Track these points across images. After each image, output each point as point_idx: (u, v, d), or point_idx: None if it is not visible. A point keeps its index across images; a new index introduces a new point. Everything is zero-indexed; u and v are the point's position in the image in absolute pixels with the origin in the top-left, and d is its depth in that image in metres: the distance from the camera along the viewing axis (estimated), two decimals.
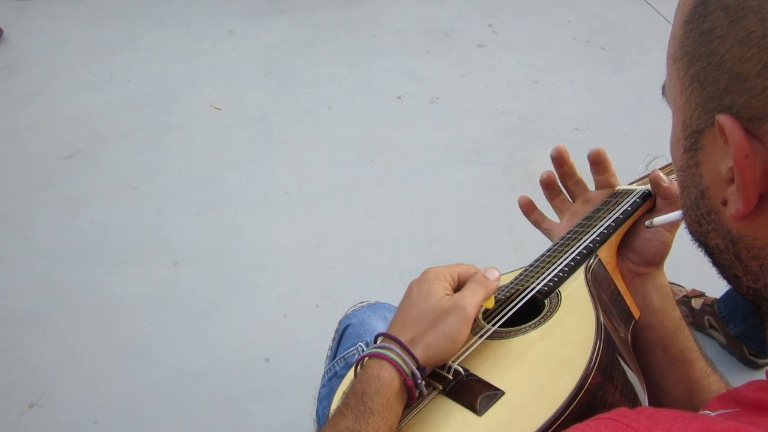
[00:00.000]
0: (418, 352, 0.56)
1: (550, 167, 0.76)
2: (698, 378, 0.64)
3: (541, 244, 0.75)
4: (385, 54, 2.62)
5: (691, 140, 0.41)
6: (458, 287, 0.62)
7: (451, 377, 0.58)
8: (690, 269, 1.37)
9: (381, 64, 2.56)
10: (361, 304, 0.92)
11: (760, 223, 0.38)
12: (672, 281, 1.43)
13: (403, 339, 0.57)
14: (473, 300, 0.59)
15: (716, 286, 1.42)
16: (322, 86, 2.43)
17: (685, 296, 1.64)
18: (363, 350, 0.82)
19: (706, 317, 1.60)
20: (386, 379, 0.54)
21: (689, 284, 1.67)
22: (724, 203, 0.39)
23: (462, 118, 2.33)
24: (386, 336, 0.58)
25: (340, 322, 0.91)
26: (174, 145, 2.13)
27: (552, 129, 2.29)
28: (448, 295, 0.59)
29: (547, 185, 0.76)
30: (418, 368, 0.56)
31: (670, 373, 0.65)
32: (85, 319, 1.62)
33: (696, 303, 1.62)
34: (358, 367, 0.58)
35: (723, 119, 0.36)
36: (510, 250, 1.77)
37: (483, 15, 2.89)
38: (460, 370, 0.58)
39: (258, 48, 2.60)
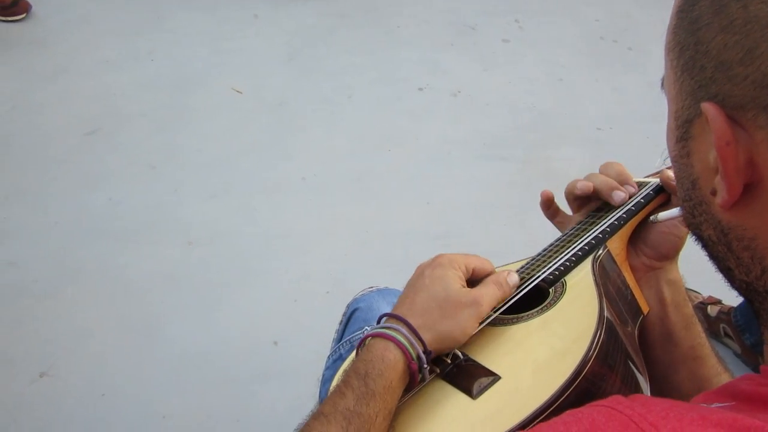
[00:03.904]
0: (427, 337, 0.55)
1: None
2: (709, 375, 0.63)
3: None
4: (409, 45, 2.61)
5: (683, 130, 0.41)
6: (470, 280, 0.61)
7: (449, 361, 0.57)
8: (707, 276, 1.34)
9: (404, 55, 2.55)
10: (370, 289, 0.91)
11: (748, 213, 0.37)
12: (689, 287, 1.41)
13: (412, 322, 0.56)
14: (490, 301, 0.58)
15: (733, 294, 1.40)
16: (343, 74, 2.42)
17: (701, 303, 1.62)
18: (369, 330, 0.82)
19: (721, 325, 1.57)
20: (390, 361, 0.53)
21: (706, 291, 1.64)
22: (714, 193, 0.39)
23: (482, 112, 2.31)
24: (393, 317, 0.57)
25: (348, 306, 0.90)
26: (193, 127, 2.14)
27: (573, 127, 2.26)
28: (464, 287, 0.58)
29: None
30: (424, 352, 0.55)
31: (680, 369, 0.64)
32: (98, 295, 1.63)
33: (712, 310, 1.59)
34: (362, 346, 0.57)
35: (706, 107, 0.37)
36: (523, 248, 1.75)
37: (509, 10, 2.86)
38: (459, 354, 0.57)
39: (282, 34, 2.59)
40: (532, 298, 0.62)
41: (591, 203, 0.73)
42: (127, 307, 1.61)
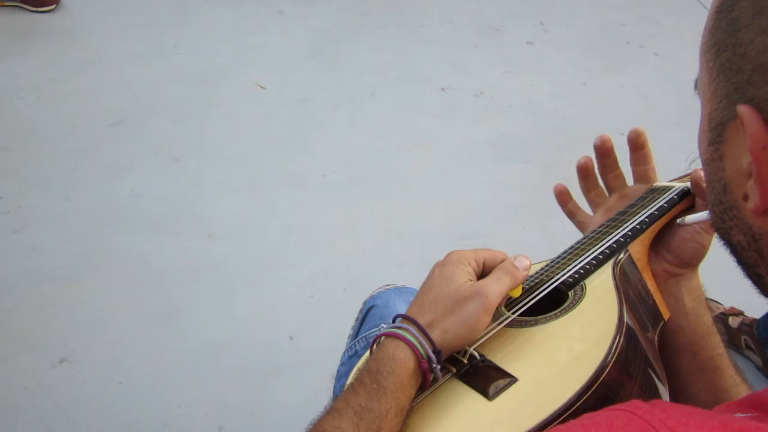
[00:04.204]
0: (435, 335, 0.55)
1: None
2: (726, 386, 0.62)
3: None
4: (432, 45, 2.61)
5: (715, 132, 0.40)
6: (483, 273, 0.61)
7: (466, 361, 0.57)
8: (729, 286, 1.33)
9: (427, 55, 2.55)
10: (387, 287, 0.91)
11: None
12: (709, 297, 1.39)
13: (421, 321, 0.56)
14: (497, 289, 0.57)
15: (756, 306, 1.37)
16: (366, 72, 2.42)
17: (722, 313, 1.60)
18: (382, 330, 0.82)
19: (743, 337, 1.55)
20: (401, 360, 0.54)
21: (728, 302, 1.62)
22: (746, 198, 0.38)
23: (505, 114, 2.30)
24: (405, 317, 0.57)
25: (365, 303, 0.91)
26: (217, 121, 2.16)
27: (596, 132, 2.22)
28: (470, 281, 0.58)
29: (584, 174, 0.73)
30: (434, 351, 0.55)
31: (697, 378, 0.63)
32: (118, 283, 1.65)
33: (733, 321, 1.57)
34: (375, 345, 0.57)
35: (742, 109, 0.36)
36: (543, 251, 1.74)
37: (535, 12, 2.84)
38: (476, 355, 0.57)
39: (306, 30, 2.61)
40: (552, 300, 0.62)
41: (613, 202, 0.72)
42: (147, 296, 1.63)
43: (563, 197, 0.74)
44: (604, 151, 0.72)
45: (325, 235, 1.82)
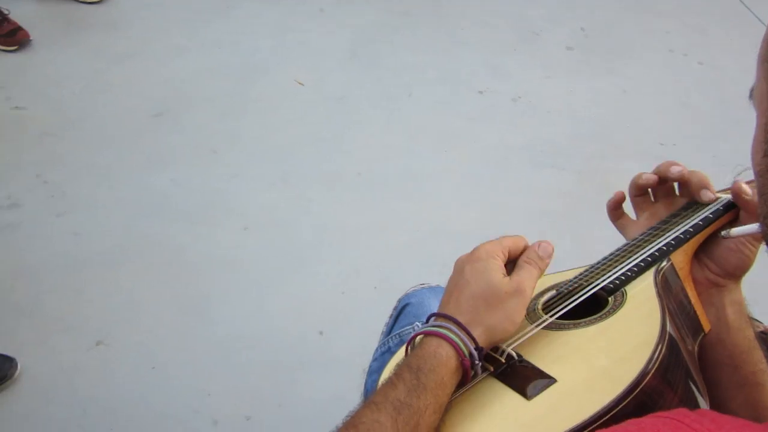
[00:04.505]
0: (477, 333, 0.56)
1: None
2: None
3: None
4: (471, 47, 2.60)
5: None
6: (508, 260, 0.61)
7: (503, 360, 0.57)
8: None
9: (465, 57, 2.54)
10: (422, 286, 0.92)
11: None
12: (751, 316, 1.36)
13: (461, 319, 0.56)
14: (531, 283, 0.58)
15: None
16: (404, 72, 2.43)
17: (762, 332, 1.56)
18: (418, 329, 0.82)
19: None
20: (443, 358, 0.54)
21: None
22: None
23: (542, 119, 2.29)
24: (444, 316, 0.57)
25: (399, 300, 0.91)
26: (255, 115, 2.18)
27: (635, 141, 2.22)
28: (506, 276, 0.58)
29: (638, 187, 0.72)
30: (476, 349, 0.55)
31: (737, 394, 0.62)
32: (154, 271, 1.69)
33: None
34: (410, 345, 0.58)
35: None
36: (576, 258, 1.73)
37: (575, 17, 2.82)
38: (514, 355, 0.58)
39: (345, 29, 2.62)
40: (591, 305, 0.62)
41: (658, 209, 0.71)
42: (182, 285, 1.66)
43: (617, 204, 0.72)
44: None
45: (359, 232, 1.83)
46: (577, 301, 0.62)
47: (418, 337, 0.57)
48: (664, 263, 0.64)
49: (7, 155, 1.95)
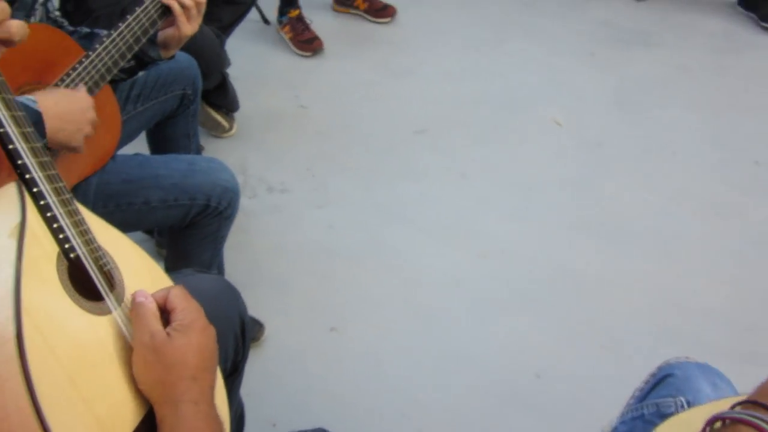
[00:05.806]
0: None
1: None
2: None
3: None
4: (754, 113, 2.37)
5: None
6: None
7: None
8: None
9: (745, 123, 2.33)
10: (687, 359, 0.86)
11: None
12: None
13: None
14: None
15: None
16: (671, 129, 2.30)
17: (748, 401, 1.22)
18: (683, 405, 0.77)
19: None
20: None
21: None
22: None
23: None
24: (752, 403, 0.54)
25: (660, 368, 0.87)
26: (509, 147, 2.22)
27: None
28: None
29: None
30: None
31: None
32: (392, 274, 1.80)
33: None
34: (710, 426, 0.55)
35: None
36: None
37: None
38: None
39: (614, 75, 2.55)
40: None
41: None
42: (414, 294, 1.75)
43: None
44: None
45: (593, 283, 1.78)
46: None
47: (726, 422, 0.54)
48: None
49: (288, 145, 2.21)
